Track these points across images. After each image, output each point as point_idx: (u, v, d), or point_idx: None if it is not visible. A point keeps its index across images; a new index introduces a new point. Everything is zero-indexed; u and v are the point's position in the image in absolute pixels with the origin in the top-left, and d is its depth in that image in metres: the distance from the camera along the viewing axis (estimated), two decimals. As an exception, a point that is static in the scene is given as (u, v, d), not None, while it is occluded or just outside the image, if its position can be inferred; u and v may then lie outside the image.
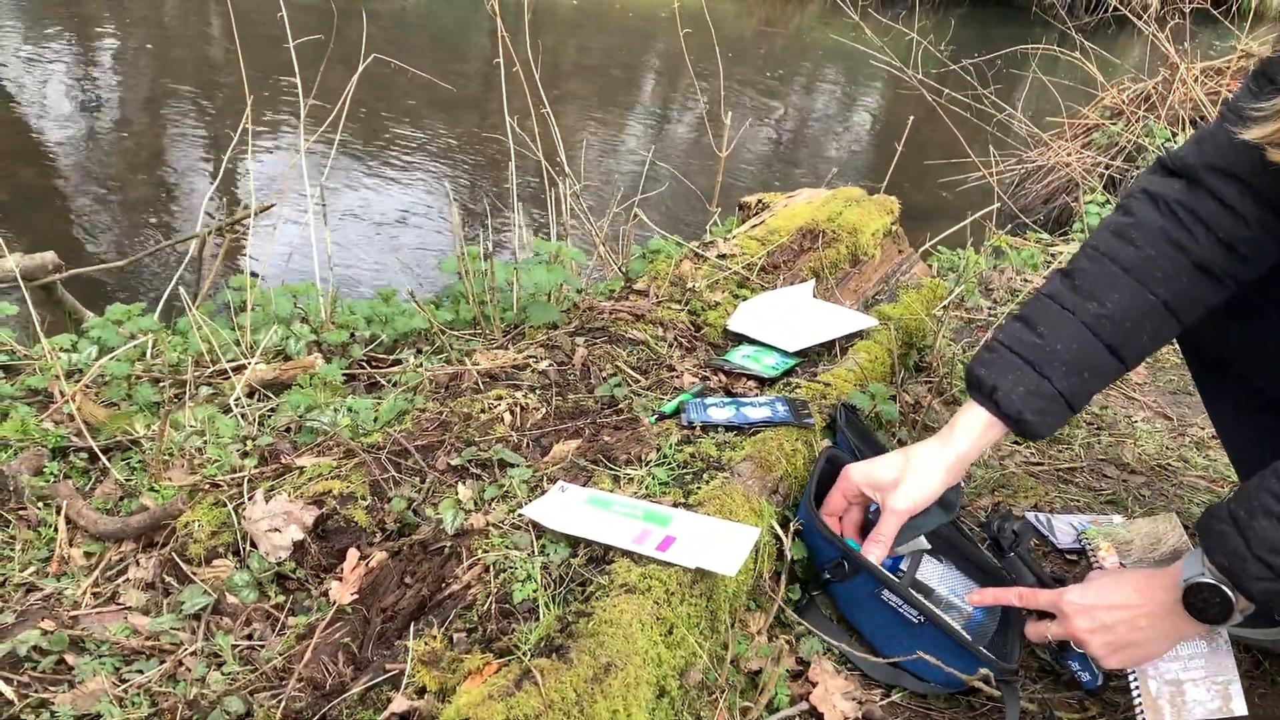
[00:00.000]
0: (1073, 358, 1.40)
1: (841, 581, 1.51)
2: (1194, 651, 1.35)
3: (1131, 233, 1.41)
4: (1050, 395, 1.41)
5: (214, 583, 1.43)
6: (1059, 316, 1.42)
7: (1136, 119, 5.10)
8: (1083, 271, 1.42)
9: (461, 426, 1.68)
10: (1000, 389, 1.42)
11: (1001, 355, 1.44)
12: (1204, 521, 1.24)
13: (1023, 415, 1.42)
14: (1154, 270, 1.39)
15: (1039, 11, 10.74)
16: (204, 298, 2.56)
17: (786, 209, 2.67)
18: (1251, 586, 1.18)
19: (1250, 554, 1.17)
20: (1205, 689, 1.33)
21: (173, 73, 7.38)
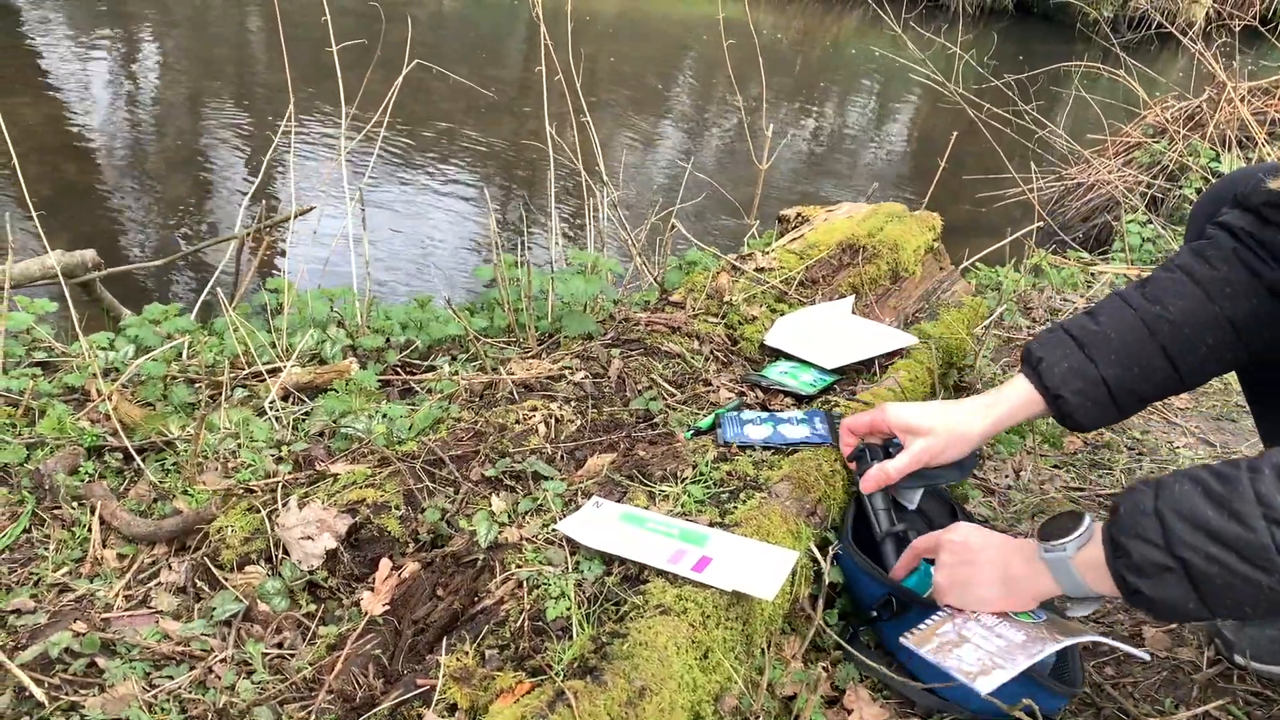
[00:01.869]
0: (1123, 348, 1.41)
1: (891, 620, 1.47)
2: (1005, 635, 1.30)
3: (1208, 251, 1.42)
4: (1094, 379, 1.41)
5: (245, 589, 1.42)
6: (1120, 310, 1.44)
7: (1180, 138, 5.03)
8: (1155, 280, 1.45)
9: (496, 437, 1.66)
10: (1046, 360, 1.44)
11: (1056, 334, 1.47)
12: (1128, 487, 1.21)
13: (1061, 392, 1.42)
14: (1224, 286, 1.39)
15: (1083, 28, 10.64)
16: (240, 299, 2.57)
17: (826, 223, 2.64)
18: (1132, 546, 1.12)
19: (1153, 509, 1.12)
20: (977, 656, 1.27)
21: (214, 73, 7.46)
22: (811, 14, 13.11)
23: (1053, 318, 3.09)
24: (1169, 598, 1.12)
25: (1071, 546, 1.21)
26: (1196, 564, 1.08)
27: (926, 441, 1.48)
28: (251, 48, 8.30)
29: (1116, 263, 4.07)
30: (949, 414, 1.49)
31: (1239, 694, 1.59)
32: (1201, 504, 1.08)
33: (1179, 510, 1.10)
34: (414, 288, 4.28)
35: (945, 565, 1.38)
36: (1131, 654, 1.36)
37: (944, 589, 1.38)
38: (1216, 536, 1.07)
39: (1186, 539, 1.08)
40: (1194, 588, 1.10)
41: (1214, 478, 1.10)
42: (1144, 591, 1.13)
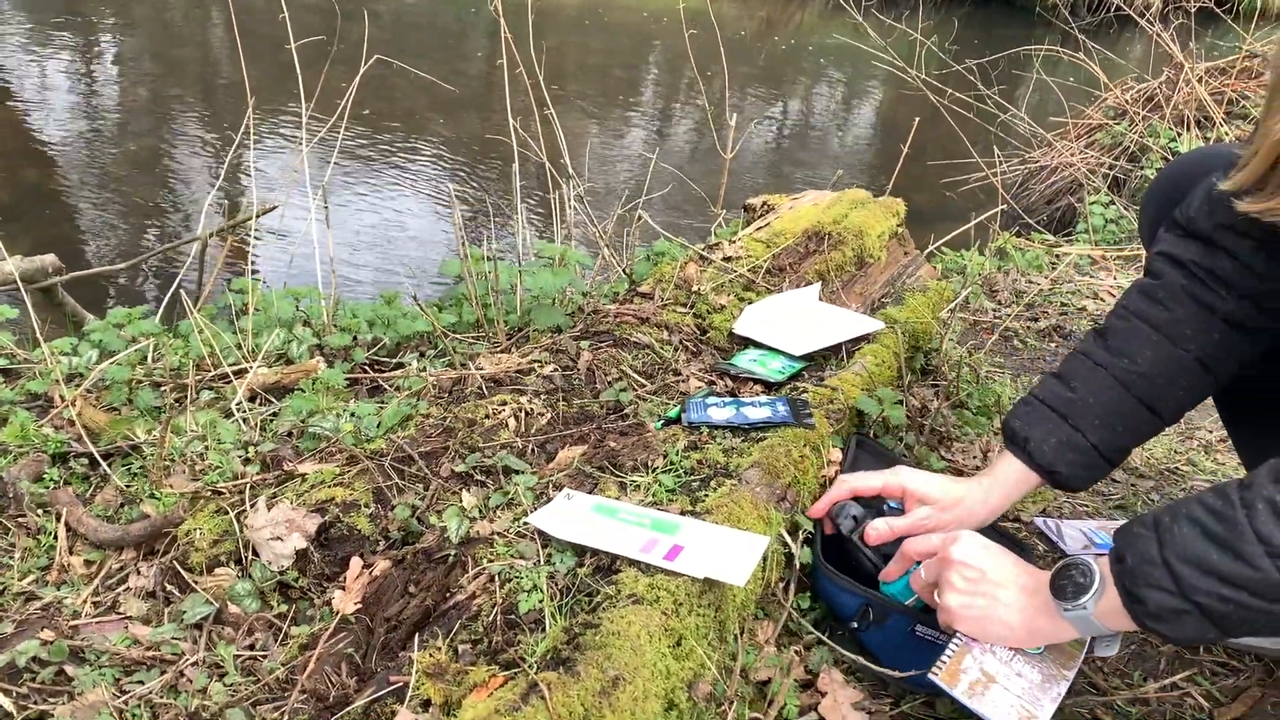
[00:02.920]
0: (1105, 411, 1.43)
1: (869, 630, 1.48)
2: (1025, 673, 1.30)
3: (1159, 293, 1.44)
4: (1083, 448, 1.44)
5: (215, 592, 1.41)
6: (1091, 372, 1.45)
7: (1140, 119, 5.08)
8: (1114, 330, 1.46)
9: (465, 432, 1.66)
10: (1033, 440, 1.45)
11: (1035, 408, 1.48)
12: (1124, 526, 1.22)
13: (1055, 467, 1.44)
14: (1183, 329, 1.41)
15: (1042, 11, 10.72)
16: (205, 301, 2.55)
17: (792, 211, 2.65)
18: (1148, 595, 1.13)
19: (1160, 558, 1.12)
20: (1010, 703, 1.27)
21: (176, 74, 7.37)
22: (774, 3, 13.13)
23: (1018, 300, 3.12)
24: (1190, 635, 1.14)
25: (1090, 604, 1.20)
26: (1211, 605, 1.10)
27: (934, 514, 1.47)
28: (213, 48, 8.21)
29: (1080, 243, 4.12)
30: (957, 493, 1.49)
31: (1205, 665, 1.62)
32: (1205, 547, 1.09)
33: (1185, 557, 1.11)
34: (383, 285, 4.26)
35: (957, 589, 1.31)
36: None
37: (958, 615, 1.31)
38: (1226, 579, 1.08)
39: (1198, 584, 1.09)
40: (1213, 624, 1.12)
41: (1211, 516, 1.11)
42: (1166, 633, 1.15)
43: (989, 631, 1.31)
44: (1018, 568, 1.32)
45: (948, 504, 1.48)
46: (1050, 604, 1.25)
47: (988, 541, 1.35)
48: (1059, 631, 1.27)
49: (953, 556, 1.32)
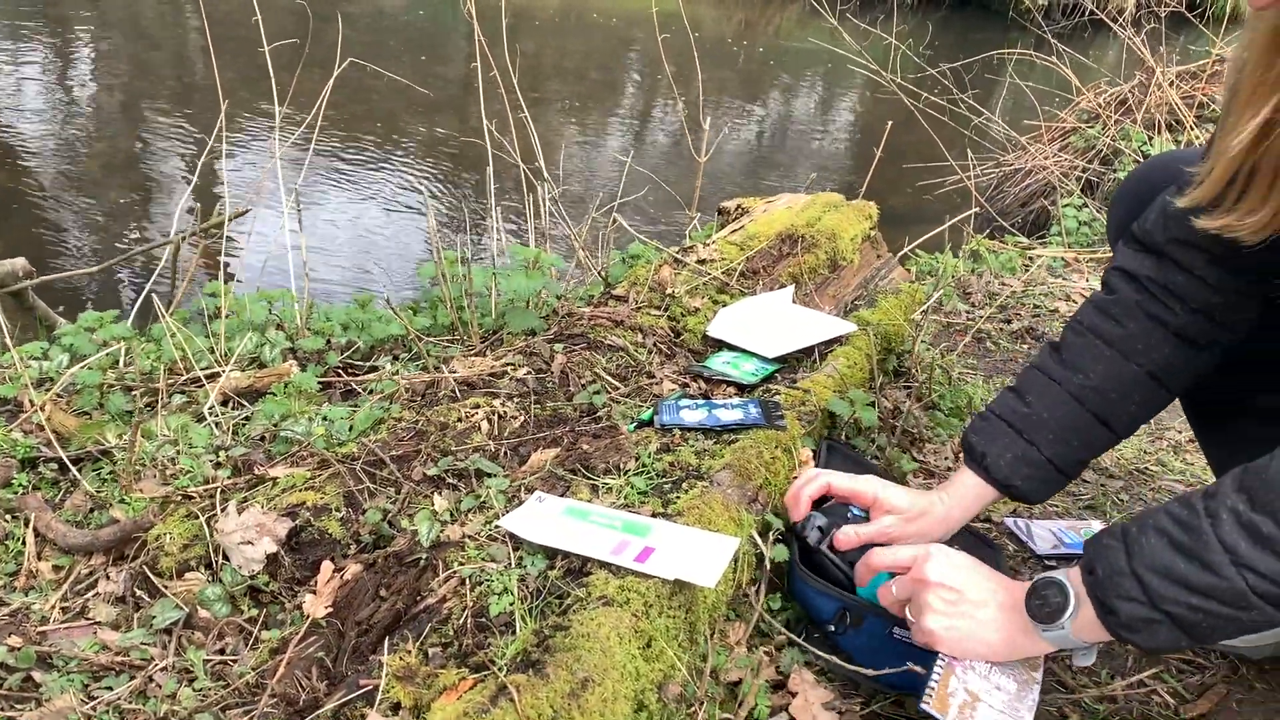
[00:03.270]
0: (1059, 425, 1.45)
1: (846, 633, 1.48)
2: (1003, 685, 1.31)
3: (1112, 309, 1.46)
4: (1039, 462, 1.45)
5: (185, 597, 1.41)
6: (1046, 386, 1.47)
7: (1113, 122, 5.13)
8: (1069, 345, 1.48)
9: (438, 436, 1.66)
10: (990, 455, 1.47)
11: (992, 423, 1.50)
12: (1094, 537, 1.23)
13: (1011, 481, 1.46)
14: (1135, 343, 1.43)
15: (1016, 15, 10.81)
16: (178, 304, 2.53)
17: (766, 214, 2.66)
18: (1119, 606, 1.14)
19: (1129, 569, 1.14)
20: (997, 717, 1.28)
21: (150, 75, 7.32)
22: (752, 6, 13.17)
23: (990, 301, 3.14)
24: (1162, 643, 1.15)
25: (1068, 624, 1.21)
26: (1181, 614, 1.11)
27: (897, 524, 1.48)
28: (188, 49, 8.16)
29: (1054, 246, 4.15)
30: (920, 506, 1.50)
31: (1171, 663, 1.64)
32: (1173, 558, 1.11)
33: (1153, 567, 1.12)
34: (359, 288, 4.24)
35: (936, 611, 1.30)
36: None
37: (939, 638, 1.30)
38: (1195, 589, 1.09)
39: (1168, 595, 1.11)
40: (1184, 632, 1.13)
41: (1177, 527, 1.12)
42: (1140, 643, 1.16)
43: (970, 650, 1.31)
44: (993, 583, 1.32)
45: (912, 515, 1.49)
46: (1027, 623, 1.26)
47: (960, 558, 1.35)
48: (1037, 647, 1.28)
49: (929, 578, 1.31)
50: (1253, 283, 1.36)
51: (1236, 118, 1.21)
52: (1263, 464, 1.10)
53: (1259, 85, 1.18)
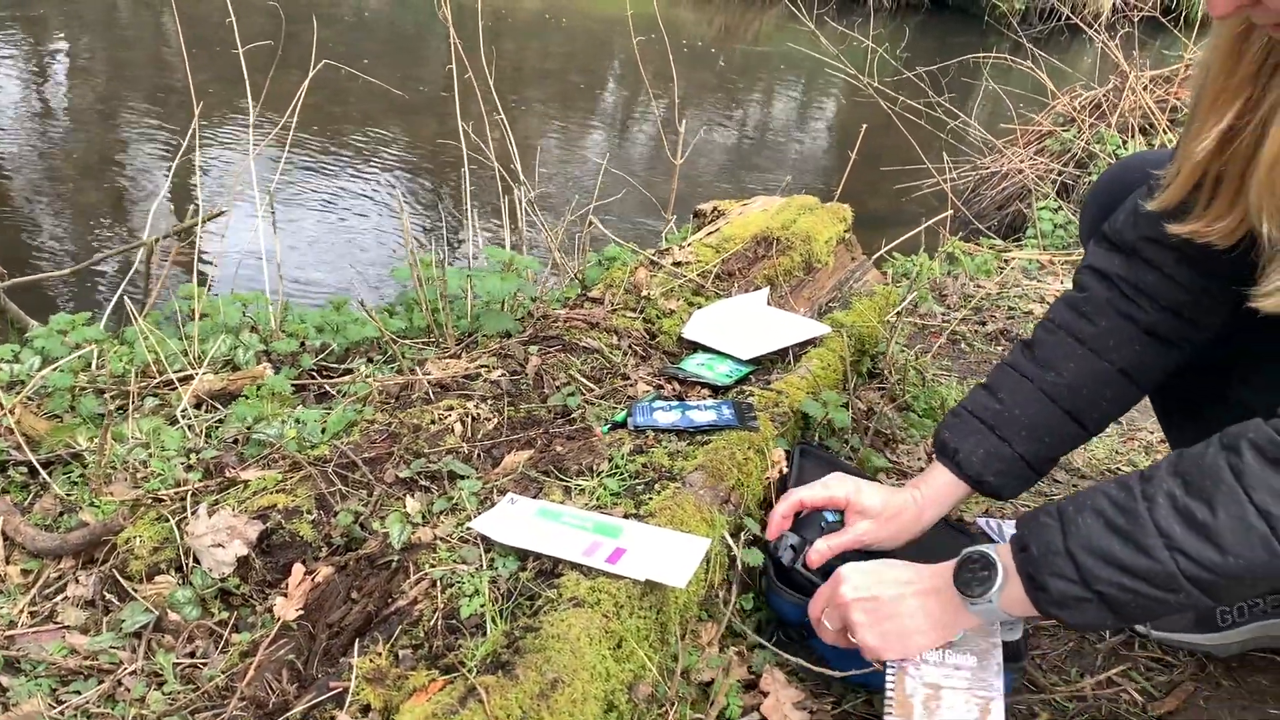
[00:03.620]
0: (1031, 422, 1.46)
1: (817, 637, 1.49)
2: (962, 663, 1.32)
3: (1084, 306, 1.48)
4: (1010, 458, 1.47)
5: (155, 600, 1.40)
6: (1018, 384, 1.48)
7: (1088, 126, 5.18)
8: (1040, 343, 1.50)
9: (411, 438, 1.66)
10: (962, 451, 1.48)
11: (964, 420, 1.51)
12: (1029, 514, 1.24)
13: (983, 477, 1.48)
14: (1106, 340, 1.45)
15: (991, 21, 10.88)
16: (151, 306, 2.52)
17: (741, 216, 2.67)
18: (1050, 583, 1.16)
19: (1064, 548, 1.15)
20: (964, 699, 1.29)
21: (125, 77, 7.28)
22: (731, 10, 13.20)
23: (966, 304, 3.16)
24: (1089, 621, 1.17)
25: (996, 597, 1.23)
26: (1112, 595, 1.13)
27: (871, 528, 1.49)
28: (165, 51, 8.11)
29: (1029, 248, 4.18)
30: (894, 505, 1.51)
31: (1140, 661, 1.66)
32: (1108, 539, 1.12)
33: (1088, 547, 1.14)
34: (337, 290, 4.23)
35: (866, 626, 1.32)
36: None
37: (879, 647, 1.32)
38: (1127, 569, 1.11)
39: (1100, 574, 1.13)
40: (1112, 611, 1.15)
41: (1114, 508, 1.14)
42: (1066, 619, 1.18)
43: (912, 646, 1.32)
44: (907, 574, 1.33)
45: (886, 516, 1.49)
46: (954, 599, 1.27)
47: (869, 565, 1.37)
48: (962, 619, 1.29)
49: (845, 598, 1.33)
50: (1222, 284, 1.37)
51: (1200, 124, 1.23)
52: (1199, 450, 1.12)
53: (1221, 92, 1.20)
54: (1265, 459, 1.05)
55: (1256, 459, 1.06)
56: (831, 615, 1.36)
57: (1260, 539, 1.04)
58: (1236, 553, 1.05)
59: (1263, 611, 1.60)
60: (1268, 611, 1.60)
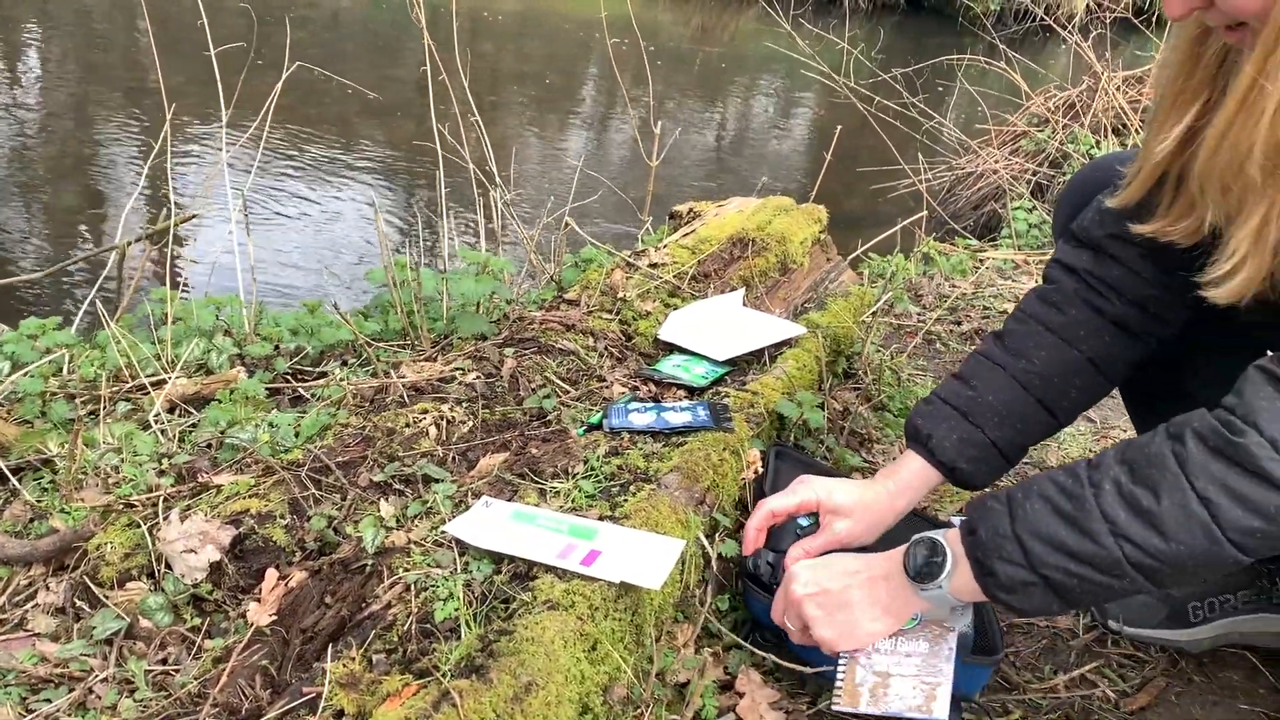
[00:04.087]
0: (1003, 409, 1.47)
1: None
2: (912, 650, 1.34)
3: (1054, 297, 1.50)
4: (982, 444, 1.48)
5: (127, 606, 1.39)
6: (991, 372, 1.50)
7: (1061, 126, 5.22)
8: (1012, 333, 1.51)
9: (385, 441, 1.65)
10: (934, 437, 1.49)
11: (936, 407, 1.52)
12: (978, 499, 1.26)
13: (956, 463, 1.48)
14: (1077, 329, 1.47)
15: (965, 22, 10.95)
16: (124, 310, 2.50)
17: (717, 218, 2.68)
18: (998, 568, 1.18)
19: (1012, 532, 1.17)
20: (912, 685, 1.31)
21: (99, 78, 7.22)
22: (709, 11, 13.22)
23: (941, 303, 3.18)
24: (1035, 606, 1.19)
25: (945, 583, 1.25)
26: (1057, 579, 1.15)
27: (848, 526, 1.50)
28: (139, 52, 8.05)
29: (1004, 248, 4.21)
30: (867, 499, 1.51)
31: (1112, 657, 1.67)
32: (1055, 524, 1.14)
33: (1035, 532, 1.15)
34: (312, 293, 4.21)
35: (818, 620, 1.33)
36: None
37: (834, 640, 1.34)
38: (1073, 555, 1.13)
39: (1047, 559, 1.14)
40: (1057, 596, 1.17)
41: (1061, 494, 1.15)
42: (1013, 604, 1.20)
43: (863, 635, 1.34)
44: (854, 564, 1.36)
45: (860, 512, 1.50)
46: (904, 584, 1.29)
47: (817, 561, 1.39)
48: (911, 603, 1.31)
49: (796, 595, 1.35)
50: (1185, 280, 1.39)
51: (1161, 124, 1.25)
52: (1145, 440, 1.14)
53: (1181, 93, 1.22)
54: (1208, 448, 1.07)
55: (1199, 447, 1.08)
56: (791, 615, 1.38)
57: (1201, 526, 1.06)
58: (1179, 539, 1.08)
59: (1233, 607, 1.62)
60: (1238, 607, 1.62)
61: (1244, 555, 1.07)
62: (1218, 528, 1.06)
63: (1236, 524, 1.05)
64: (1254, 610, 1.62)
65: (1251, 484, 1.04)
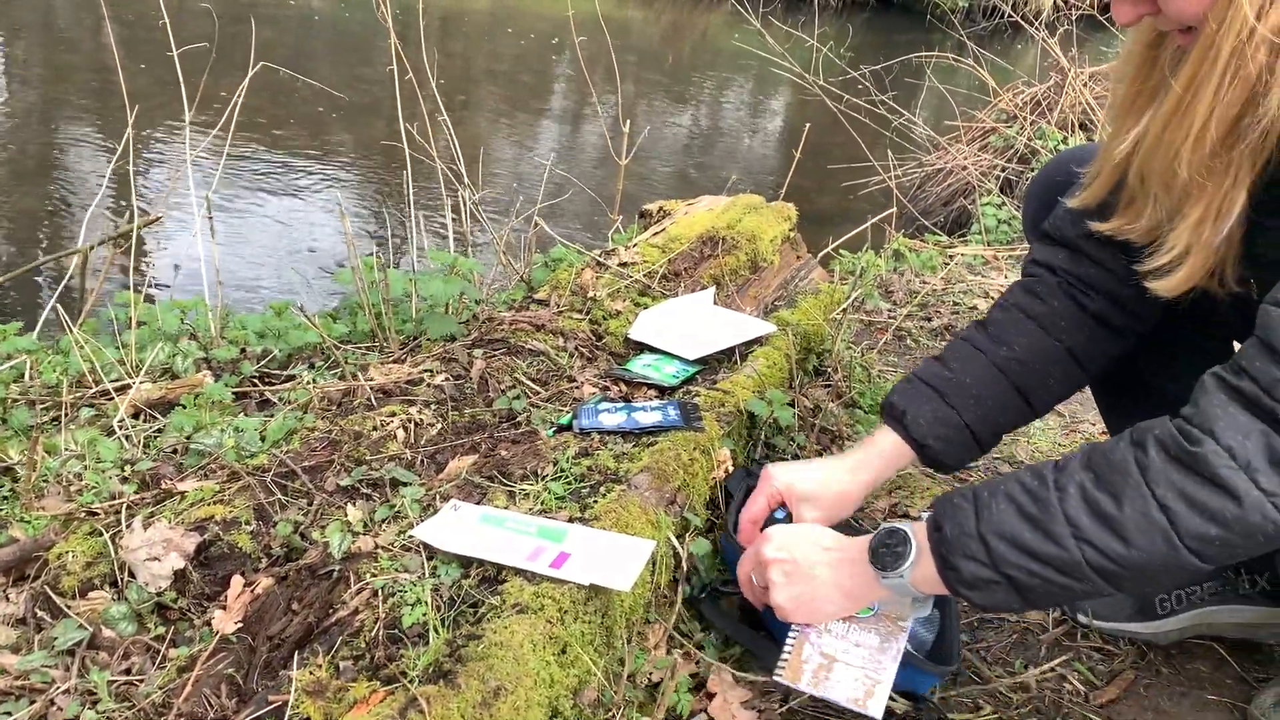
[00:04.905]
0: (981, 393, 1.49)
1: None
2: (862, 641, 1.35)
3: (1037, 288, 1.52)
4: (957, 425, 1.49)
5: (89, 616, 1.37)
6: (971, 355, 1.51)
7: (1029, 123, 5.25)
8: (995, 320, 1.53)
9: (352, 445, 1.64)
10: (910, 414, 1.50)
11: (915, 386, 1.53)
12: (945, 496, 1.27)
13: (928, 441, 1.49)
14: (1058, 320, 1.48)
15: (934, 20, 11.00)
16: (87, 315, 2.46)
17: (687, 216, 2.68)
18: (961, 565, 1.19)
19: (976, 531, 1.18)
20: (854, 676, 1.32)
21: (63, 79, 7.12)
22: (680, 8, 13.22)
23: (911, 299, 3.19)
24: (997, 603, 1.20)
25: (907, 573, 1.25)
26: (1020, 579, 1.16)
27: (820, 514, 1.51)
28: (104, 53, 7.95)
29: (974, 244, 4.23)
30: (834, 479, 1.52)
31: (1082, 651, 1.68)
32: (1019, 526, 1.15)
33: (999, 532, 1.16)
34: (282, 293, 4.17)
35: (781, 586, 1.35)
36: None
37: (789, 610, 1.36)
38: (1036, 556, 1.14)
39: (1010, 559, 1.15)
40: (1018, 594, 1.18)
41: (1027, 496, 1.16)
42: (975, 600, 1.21)
43: (817, 611, 1.35)
44: (829, 540, 1.37)
45: (825, 497, 1.51)
46: (868, 570, 1.29)
47: (795, 529, 1.41)
48: (874, 592, 1.32)
49: (767, 557, 1.37)
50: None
51: (1118, 126, 1.26)
52: (1110, 445, 1.15)
53: (1137, 95, 1.24)
54: (1168, 456, 1.09)
55: (1160, 456, 1.09)
56: (756, 573, 1.40)
57: (1161, 533, 1.07)
58: (1138, 545, 1.09)
59: (1200, 599, 1.64)
60: (1205, 599, 1.64)
61: (1201, 563, 1.09)
62: (1176, 535, 1.07)
63: (1194, 531, 1.06)
64: (1220, 602, 1.63)
65: (1208, 492, 1.05)
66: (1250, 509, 1.04)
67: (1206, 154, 1.11)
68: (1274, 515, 1.03)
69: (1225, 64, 1.05)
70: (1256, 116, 1.06)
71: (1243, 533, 1.05)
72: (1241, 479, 1.04)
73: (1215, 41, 1.04)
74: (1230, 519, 1.05)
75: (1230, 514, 1.04)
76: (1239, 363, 1.09)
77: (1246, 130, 1.08)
